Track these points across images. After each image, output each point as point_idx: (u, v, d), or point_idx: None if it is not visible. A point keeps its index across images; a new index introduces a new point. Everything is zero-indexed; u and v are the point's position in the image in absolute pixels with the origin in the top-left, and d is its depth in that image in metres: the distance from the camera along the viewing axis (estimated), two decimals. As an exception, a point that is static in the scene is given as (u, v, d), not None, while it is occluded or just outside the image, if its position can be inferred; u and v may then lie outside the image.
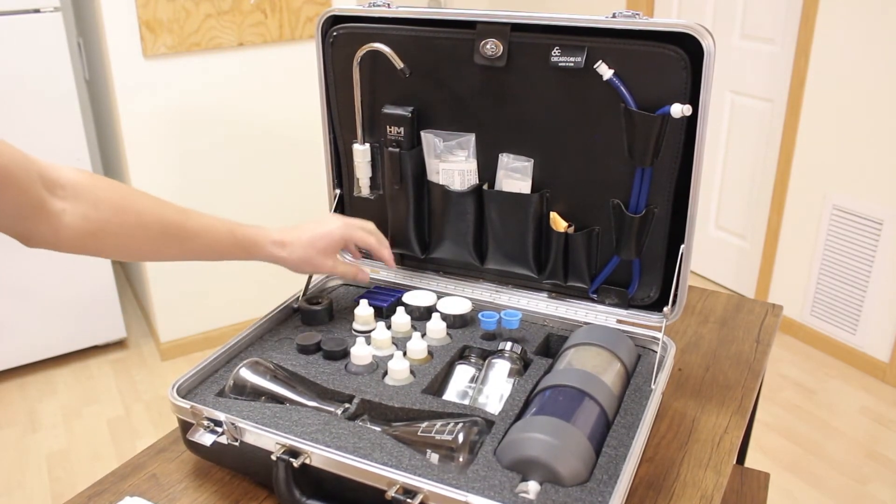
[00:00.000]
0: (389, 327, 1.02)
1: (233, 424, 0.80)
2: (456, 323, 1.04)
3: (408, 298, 1.09)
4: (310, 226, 1.02)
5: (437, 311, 1.04)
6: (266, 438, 0.79)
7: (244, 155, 2.49)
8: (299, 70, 2.47)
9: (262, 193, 2.56)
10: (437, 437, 0.79)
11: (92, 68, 2.64)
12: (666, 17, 2.89)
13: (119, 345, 2.70)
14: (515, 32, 0.96)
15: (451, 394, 0.93)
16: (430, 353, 0.98)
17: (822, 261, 2.54)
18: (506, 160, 1.04)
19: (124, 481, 0.87)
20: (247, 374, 0.89)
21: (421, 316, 1.06)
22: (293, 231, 1.00)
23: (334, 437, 0.80)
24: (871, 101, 2.28)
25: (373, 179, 1.13)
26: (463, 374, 0.96)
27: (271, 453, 0.77)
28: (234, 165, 2.49)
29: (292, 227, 1.01)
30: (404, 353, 0.97)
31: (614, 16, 0.90)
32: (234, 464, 0.86)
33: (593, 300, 1.06)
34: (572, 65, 0.94)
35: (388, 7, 1.04)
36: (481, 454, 0.78)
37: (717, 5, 2.80)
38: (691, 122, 0.90)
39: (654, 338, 0.98)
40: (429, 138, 1.07)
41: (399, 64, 1.02)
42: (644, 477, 0.86)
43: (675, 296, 0.97)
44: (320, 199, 1.79)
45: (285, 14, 2.38)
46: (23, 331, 2.45)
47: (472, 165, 1.06)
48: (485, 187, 1.07)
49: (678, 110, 0.88)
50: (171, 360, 2.61)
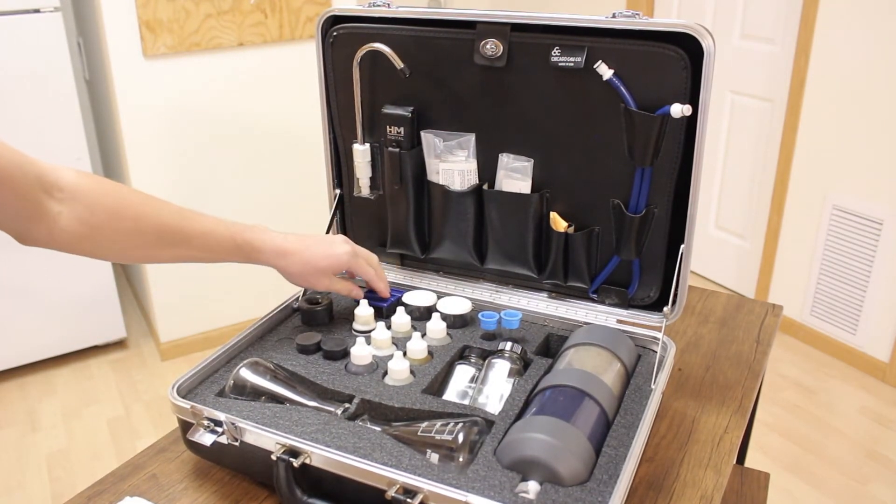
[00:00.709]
0: (389, 327, 1.02)
1: (233, 424, 0.80)
2: (456, 323, 1.04)
3: (408, 298, 1.09)
4: (316, 243, 1.00)
5: (437, 311, 1.04)
6: (266, 438, 0.79)
7: (244, 155, 2.49)
8: (299, 70, 2.47)
9: (262, 193, 2.56)
10: (437, 437, 0.79)
11: (92, 68, 2.64)
12: (666, 17, 2.89)
13: (119, 345, 2.70)
14: (515, 32, 0.96)
15: (451, 394, 0.93)
16: (430, 353, 0.98)
17: (822, 261, 2.54)
18: (506, 160, 1.04)
19: (124, 481, 0.87)
20: (247, 374, 0.89)
21: (421, 316, 1.06)
22: (297, 242, 0.98)
23: (334, 437, 0.80)
24: (871, 101, 2.28)
25: (373, 179, 1.13)
26: (463, 374, 0.96)
27: (271, 453, 0.77)
28: (234, 165, 2.49)
29: (298, 237, 0.99)
30: (404, 353, 0.97)
31: (614, 16, 0.90)
32: (235, 464, 0.86)
33: (593, 300, 1.06)
34: (572, 65, 0.94)
35: (388, 7, 1.04)
36: (481, 454, 0.78)
37: (717, 5, 2.80)
38: (691, 122, 0.90)
39: (654, 338, 0.98)
40: (429, 138, 1.07)
41: (399, 64, 1.02)
42: (644, 477, 0.86)
43: (675, 296, 0.97)
44: (320, 199, 1.79)
45: (285, 14, 2.38)
46: (23, 331, 2.45)
47: (472, 165, 1.06)
48: (485, 187, 1.07)
49: (678, 110, 0.88)
50: (171, 360, 2.61)
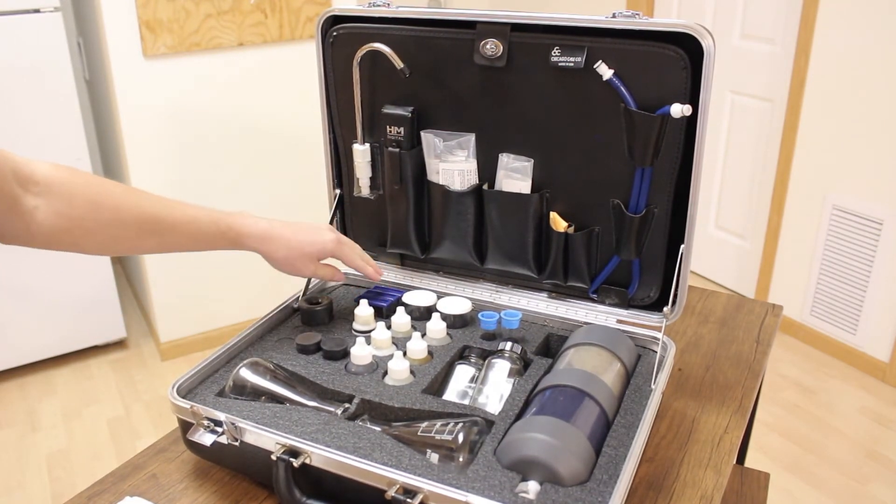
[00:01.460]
0: (389, 327, 1.02)
1: (233, 424, 0.80)
2: (456, 323, 1.04)
3: (408, 298, 1.09)
4: (301, 228, 0.99)
5: (437, 311, 1.04)
6: (266, 438, 0.79)
7: (244, 155, 2.49)
8: (299, 70, 2.47)
9: (262, 193, 2.56)
10: (437, 437, 0.79)
11: (92, 68, 2.64)
12: (666, 17, 2.89)
13: (119, 345, 2.70)
14: (515, 32, 0.96)
15: (451, 394, 0.93)
16: (430, 353, 0.98)
17: (822, 261, 2.54)
18: (506, 160, 1.04)
19: (124, 481, 0.87)
20: (247, 374, 0.89)
21: (421, 316, 1.06)
22: (282, 228, 0.97)
23: (334, 437, 0.80)
24: (871, 101, 2.28)
25: (373, 179, 1.13)
26: (463, 374, 0.96)
27: (271, 453, 0.77)
28: (234, 165, 2.49)
29: (283, 223, 0.98)
30: (404, 353, 0.97)
31: (614, 16, 0.90)
32: (234, 464, 0.86)
33: (593, 300, 1.06)
34: (572, 65, 0.94)
35: (388, 7, 1.04)
36: (481, 454, 0.78)
37: (717, 5, 2.80)
38: (691, 122, 0.90)
39: (654, 338, 0.98)
40: (429, 138, 1.07)
41: (399, 64, 1.02)
42: (644, 477, 0.86)
43: (675, 296, 0.97)
44: (320, 199, 1.79)
45: (285, 14, 2.38)
46: (23, 331, 2.45)
47: (472, 165, 1.06)
48: (485, 187, 1.07)
49: (678, 110, 0.88)
50: (171, 360, 2.61)
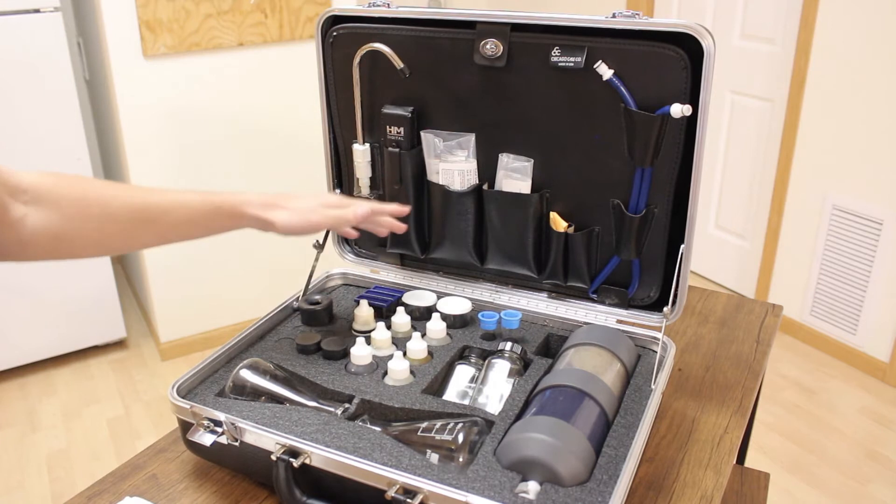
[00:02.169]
0: (389, 327, 1.02)
1: (233, 424, 0.80)
2: (456, 323, 1.04)
3: (408, 298, 1.09)
4: (303, 193, 0.93)
5: (437, 311, 1.04)
6: (266, 438, 0.79)
7: (244, 155, 2.49)
8: (299, 70, 2.47)
9: (262, 193, 2.56)
10: (437, 437, 0.79)
11: (92, 68, 2.64)
12: (666, 17, 2.89)
13: (119, 345, 2.70)
14: (515, 32, 0.96)
15: (451, 394, 0.93)
16: (430, 353, 0.98)
17: (822, 261, 2.54)
18: (506, 160, 1.04)
19: (124, 481, 0.87)
20: (247, 374, 0.89)
21: (421, 316, 1.06)
22: (284, 195, 0.91)
23: (334, 437, 0.80)
24: (871, 101, 2.28)
25: (373, 179, 1.13)
26: (463, 374, 0.96)
27: (271, 453, 0.77)
28: (234, 165, 2.49)
29: (278, 193, 0.92)
30: (404, 353, 0.97)
31: (614, 16, 0.90)
32: (234, 464, 0.86)
33: (593, 300, 1.06)
34: (572, 65, 0.94)
35: (388, 7, 1.04)
36: (481, 454, 0.78)
37: (717, 5, 2.80)
38: (691, 122, 0.90)
39: (654, 338, 0.98)
40: (429, 138, 1.06)
41: (399, 64, 1.02)
42: (644, 477, 0.86)
43: (675, 296, 0.97)
44: (320, 199, 1.78)
45: (285, 14, 2.38)
46: (23, 331, 2.45)
47: (472, 165, 1.06)
48: (485, 187, 1.07)
49: (678, 110, 0.88)
50: (171, 360, 2.61)
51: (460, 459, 0.78)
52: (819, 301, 2.58)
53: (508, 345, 0.95)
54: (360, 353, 0.94)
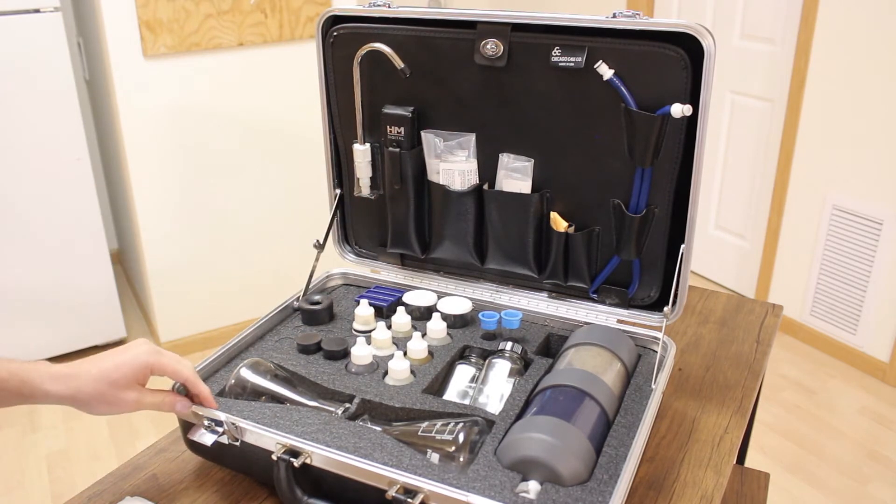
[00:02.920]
0: (390, 327, 1.02)
1: (233, 424, 0.80)
2: (456, 323, 1.04)
3: (408, 298, 1.09)
4: (107, 355, 0.81)
5: (437, 311, 1.04)
6: (267, 438, 0.79)
7: (244, 155, 2.49)
8: (299, 70, 2.47)
9: (261, 193, 2.56)
10: (438, 436, 0.79)
11: (92, 68, 2.64)
12: (666, 17, 2.89)
13: (119, 344, 2.70)
14: (516, 32, 0.96)
15: (452, 394, 0.93)
16: (431, 353, 0.98)
17: (822, 261, 2.54)
18: (506, 160, 1.04)
19: (124, 481, 0.87)
20: (247, 374, 0.89)
21: (421, 316, 1.06)
22: (82, 364, 0.80)
23: (335, 437, 0.80)
24: (871, 101, 2.28)
25: (373, 179, 1.13)
26: (463, 373, 0.96)
27: (272, 453, 0.77)
28: (234, 165, 2.49)
29: (83, 359, 0.81)
30: (404, 353, 0.97)
31: (614, 16, 0.90)
32: (235, 464, 0.86)
33: (593, 300, 1.06)
34: (572, 65, 0.94)
35: (388, 7, 1.04)
36: (481, 454, 0.78)
37: (717, 5, 2.80)
38: (691, 122, 0.90)
39: (655, 338, 0.98)
40: (429, 138, 1.07)
41: (399, 64, 1.02)
42: (644, 477, 0.86)
43: (676, 296, 0.97)
44: (320, 199, 1.79)
45: (285, 14, 2.38)
46: (23, 331, 2.45)
47: (473, 165, 1.06)
48: (485, 187, 1.07)
49: (678, 110, 0.88)
50: (171, 360, 2.60)
51: (461, 459, 0.78)
52: (819, 301, 2.58)
53: (509, 345, 0.95)
54: (361, 352, 0.94)
